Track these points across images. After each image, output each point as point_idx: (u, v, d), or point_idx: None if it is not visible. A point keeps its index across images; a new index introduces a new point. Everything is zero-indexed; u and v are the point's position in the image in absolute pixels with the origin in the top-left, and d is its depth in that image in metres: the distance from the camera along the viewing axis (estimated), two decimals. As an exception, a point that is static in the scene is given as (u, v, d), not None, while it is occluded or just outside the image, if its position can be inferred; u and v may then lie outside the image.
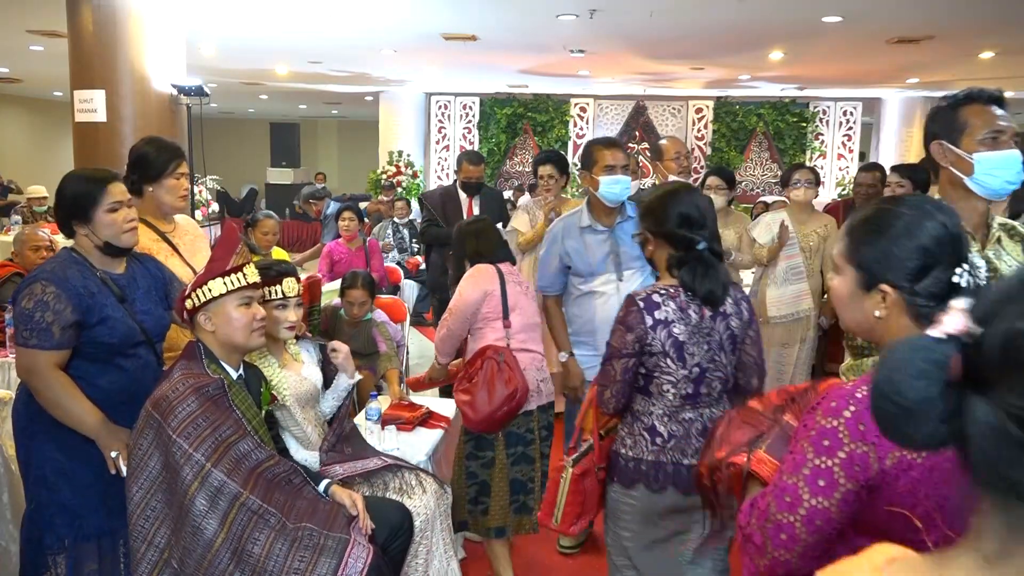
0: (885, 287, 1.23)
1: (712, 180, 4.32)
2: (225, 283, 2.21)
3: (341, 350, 2.74)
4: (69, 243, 2.41)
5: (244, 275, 2.25)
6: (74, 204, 2.30)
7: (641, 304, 2.01)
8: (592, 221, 3.18)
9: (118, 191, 2.32)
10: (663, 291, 2.02)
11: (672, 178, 4.04)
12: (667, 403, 2.04)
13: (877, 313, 1.24)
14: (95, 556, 2.30)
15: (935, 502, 1.15)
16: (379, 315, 4.30)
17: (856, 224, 1.30)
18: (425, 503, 2.57)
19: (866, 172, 4.51)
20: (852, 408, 1.15)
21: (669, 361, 2.00)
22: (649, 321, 1.99)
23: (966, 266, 1.22)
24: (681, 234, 2.00)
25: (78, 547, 2.29)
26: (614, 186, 3.11)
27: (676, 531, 2.12)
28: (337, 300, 4.29)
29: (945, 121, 1.81)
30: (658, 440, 2.05)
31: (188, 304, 2.22)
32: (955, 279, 1.21)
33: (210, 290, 2.20)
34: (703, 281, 1.98)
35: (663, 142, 4.49)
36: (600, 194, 3.10)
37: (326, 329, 4.09)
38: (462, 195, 4.91)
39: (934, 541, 1.15)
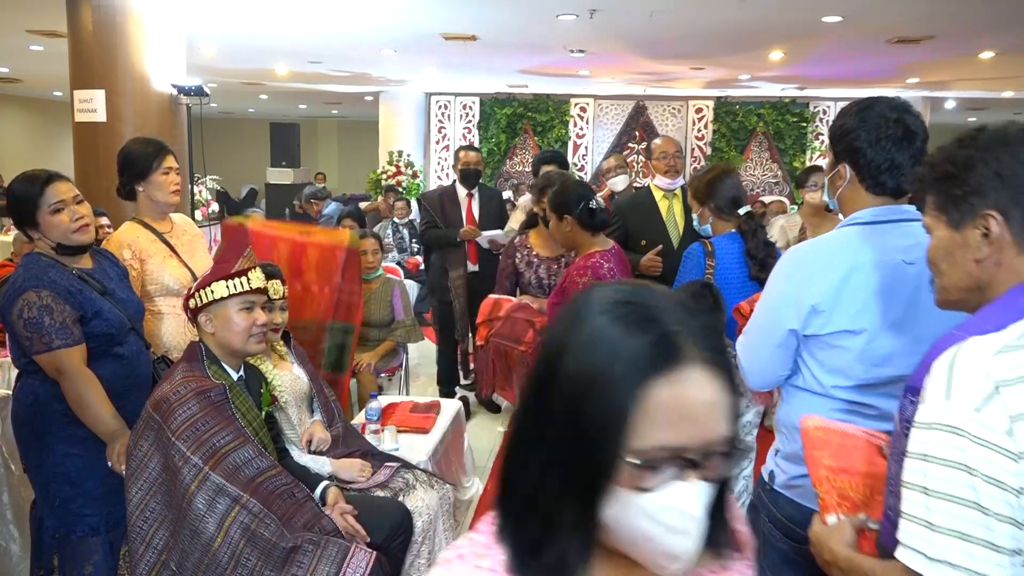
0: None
1: None
2: (228, 286, 2.21)
3: (315, 436, 2.70)
4: None
5: (248, 279, 2.25)
6: (18, 209, 2.27)
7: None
8: None
9: (61, 190, 2.27)
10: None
11: (659, 177, 4.04)
12: None
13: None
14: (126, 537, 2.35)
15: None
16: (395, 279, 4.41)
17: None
18: (427, 504, 2.57)
19: None
20: (581, 269, 2.80)
21: None
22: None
23: None
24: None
25: (112, 532, 2.35)
26: None
27: None
28: None
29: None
30: None
31: (191, 304, 2.22)
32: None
33: (212, 292, 2.20)
34: None
35: (656, 141, 4.51)
36: None
37: None
38: (461, 192, 4.90)
39: None
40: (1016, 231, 1.09)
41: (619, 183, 4.59)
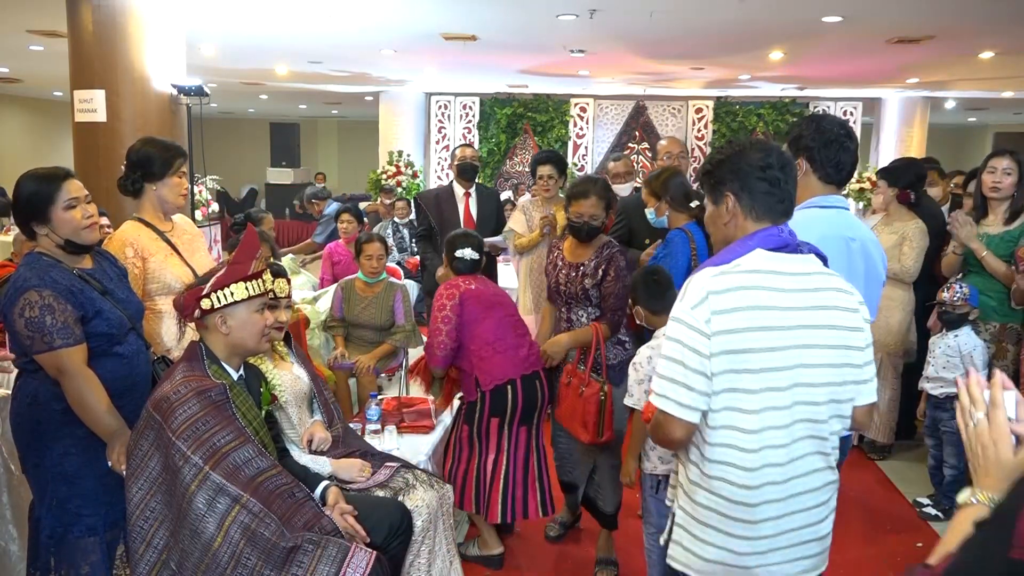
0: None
1: None
2: (248, 288, 2.23)
3: (316, 436, 2.71)
4: None
5: (263, 281, 2.27)
6: (30, 204, 2.28)
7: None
8: None
9: (74, 188, 2.30)
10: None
11: None
12: None
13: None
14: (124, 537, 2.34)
15: (480, 326, 3.10)
16: (399, 283, 4.37)
17: None
18: (427, 503, 2.57)
19: None
20: (444, 286, 3.17)
21: None
22: None
23: None
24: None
25: (110, 532, 2.35)
26: None
27: None
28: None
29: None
30: None
31: (205, 304, 2.21)
32: None
33: (232, 293, 2.21)
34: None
35: (661, 142, 4.54)
36: None
37: (341, 303, 4.21)
38: (459, 192, 4.90)
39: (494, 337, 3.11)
40: (743, 204, 1.74)
41: (624, 191, 4.61)
